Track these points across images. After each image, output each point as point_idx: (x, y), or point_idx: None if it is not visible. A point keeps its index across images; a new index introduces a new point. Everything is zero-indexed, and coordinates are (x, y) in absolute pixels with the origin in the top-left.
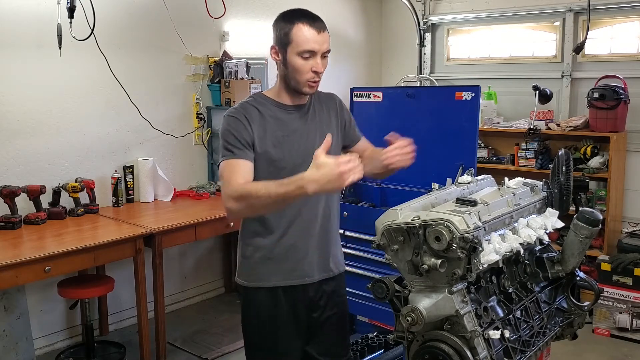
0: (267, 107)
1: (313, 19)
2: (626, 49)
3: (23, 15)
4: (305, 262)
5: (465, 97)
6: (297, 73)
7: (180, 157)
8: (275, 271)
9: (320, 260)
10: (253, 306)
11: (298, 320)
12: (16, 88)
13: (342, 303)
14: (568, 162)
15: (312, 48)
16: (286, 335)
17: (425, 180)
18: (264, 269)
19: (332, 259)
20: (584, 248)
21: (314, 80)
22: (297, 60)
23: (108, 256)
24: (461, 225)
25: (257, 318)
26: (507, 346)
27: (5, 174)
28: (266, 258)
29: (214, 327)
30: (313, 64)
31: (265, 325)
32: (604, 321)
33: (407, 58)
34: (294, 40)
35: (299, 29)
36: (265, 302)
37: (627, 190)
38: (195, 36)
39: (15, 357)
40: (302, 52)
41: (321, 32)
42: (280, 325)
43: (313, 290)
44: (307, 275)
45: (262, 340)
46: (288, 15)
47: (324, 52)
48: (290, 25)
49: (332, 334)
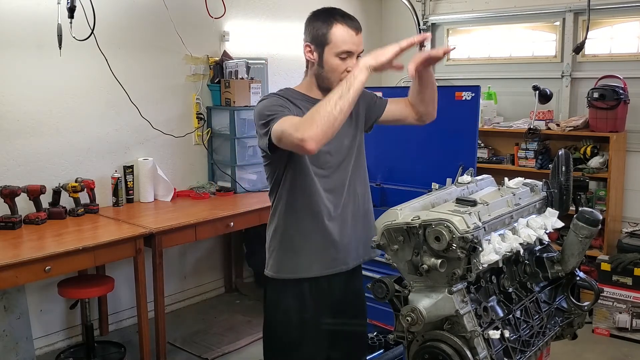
0: (300, 101)
1: (350, 19)
2: (626, 49)
3: (23, 15)
4: (343, 251)
5: (465, 97)
6: (333, 72)
7: (180, 157)
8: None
9: (357, 247)
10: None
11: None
12: (16, 88)
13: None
14: (568, 162)
15: (350, 49)
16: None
17: (425, 180)
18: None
19: (366, 245)
20: (584, 248)
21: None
22: (334, 60)
23: (108, 256)
24: (461, 225)
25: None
26: (507, 346)
27: (5, 174)
28: (298, 249)
29: (214, 327)
30: (349, 64)
31: (291, 323)
32: (603, 321)
33: (407, 58)
34: (332, 41)
35: (338, 30)
36: (292, 296)
37: (627, 190)
38: (195, 36)
39: (15, 357)
40: (340, 52)
41: (359, 33)
42: (307, 326)
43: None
44: (344, 263)
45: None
46: (325, 15)
47: (360, 52)
48: (328, 25)
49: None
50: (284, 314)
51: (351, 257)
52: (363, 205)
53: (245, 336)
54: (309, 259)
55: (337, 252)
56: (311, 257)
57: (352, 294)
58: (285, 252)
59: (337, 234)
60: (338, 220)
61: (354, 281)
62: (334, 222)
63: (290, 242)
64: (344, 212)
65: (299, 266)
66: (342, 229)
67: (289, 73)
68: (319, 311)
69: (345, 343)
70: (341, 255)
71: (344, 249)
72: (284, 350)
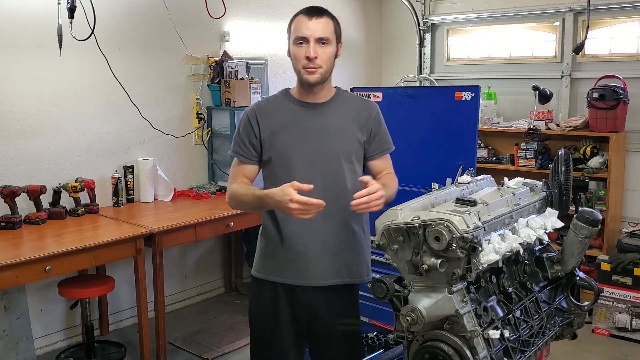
0: (283, 103)
1: (310, 8)
2: (626, 49)
3: (23, 15)
4: (314, 265)
5: (465, 97)
6: (294, 60)
7: (181, 157)
8: (277, 267)
9: (333, 266)
10: (257, 297)
11: (298, 325)
12: (16, 88)
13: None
14: (568, 162)
15: (303, 34)
16: (285, 334)
17: (425, 180)
18: (268, 263)
19: (347, 267)
20: (584, 248)
21: (308, 67)
22: (293, 49)
23: (108, 256)
24: (461, 225)
25: (259, 310)
26: (507, 346)
27: (5, 174)
28: (272, 253)
29: (214, 327)
30: (306, 49)
31: (265, 319)
32: (603, 321)
33: (407, 58)
34: (291, 31)
35: (296, 20)
36: (268, 295)
37: (626, 190)
38: (195, 36)
39: (15, 357)
40: (295, 39)
41: (313, 19)
42: (280, 323)
43: (315, 295)
44: (314, 278)
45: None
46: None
47: (317, 37)
48: (292, 19)
49: (338, 346)
50: (261, 305)
51: (326, 274)
52: (344, 223)
53: (245, 336)
54: (279, 265)
55: (306, 264)
56: (281, 264)
57: (338, 315)
58: (262, 253)
59: (303, 246)
60: (304, 232)
61: (339, 302)
62: (299, 233)
63: (267, 244)
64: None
65: (271, 270)
66: (310, 241)
67: (289, 73)
68: (295, 315)
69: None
70: (310, 268)
71: (313, 263)
72: (262, 340)
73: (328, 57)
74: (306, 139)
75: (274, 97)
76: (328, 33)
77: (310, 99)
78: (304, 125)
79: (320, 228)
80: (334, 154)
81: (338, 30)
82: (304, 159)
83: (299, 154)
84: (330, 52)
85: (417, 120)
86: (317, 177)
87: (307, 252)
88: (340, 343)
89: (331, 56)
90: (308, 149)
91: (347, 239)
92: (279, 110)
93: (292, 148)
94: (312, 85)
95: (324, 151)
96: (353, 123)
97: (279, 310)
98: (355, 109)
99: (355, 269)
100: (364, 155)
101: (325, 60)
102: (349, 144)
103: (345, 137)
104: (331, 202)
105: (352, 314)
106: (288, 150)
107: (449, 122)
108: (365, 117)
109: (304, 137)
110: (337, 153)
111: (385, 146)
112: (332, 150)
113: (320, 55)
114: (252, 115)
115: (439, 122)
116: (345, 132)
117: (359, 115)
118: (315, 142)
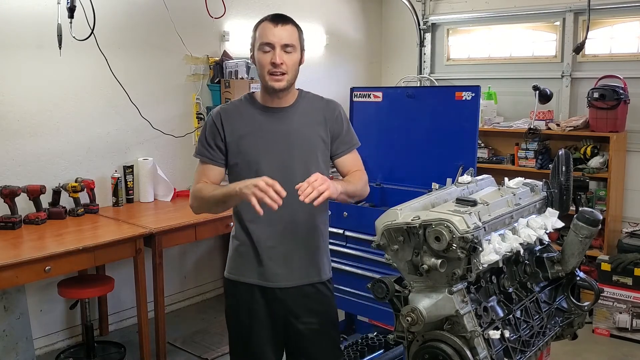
0: (247, 108)
1: (275, 16)
2: (626, 49)
3: (23, 15)
4: (284, 267)
5: (465, 97)
6: (259, 67)
7: (180, 157)
8: (252, 268)
9: (302, 267)
10: (231, 299)
11: (275, 324)
12: (16, 88)
13: (326, 312)
14: (568, 162)
15: (269, 40)
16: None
17: (425, 180)
18: (242, 263)
19: (316, 267)
20: (584, 248)
21: (274, 73)
22: (258, 55)
23: (108, 256)
24: (461, 225)
25: (234, 312)
26: (507, 346)
27: (5, 174)
28: (244, 254)
29: (214, 327)
30: (272, 56)
31: (241, 320)
32: (604, 321)
33: (407, 58)
34: (256, 37)
35: (261, 26)
36: (243, 296)
37: (627, 190)
38: (195, 36)
39: (15, 357)
40: (260, 45)
41: (278, 25)
42: (254, 324)
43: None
44: (284, 279)
45: (237, 334)
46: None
47: (282, 44)
48: (257, 26)
49: (317, 344)
50: (236, 306)
51: (295, 275)
52: (312, 226)
53: None
54: (250, 267)
55: (277, 266)
56: (252, 265)
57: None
58: (235, 254)
59: (272, 248)
60: (273, 234)
61: (314, 300)
62: (268, 236)
63: (238, 245)
64: (280, 228)
65: (243, 271)
66: (279, 244)
67: None
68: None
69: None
70: (281, 270)
71: (283, 265)
72: (240, 341)
73: (293, 63)
74: (273, 145)
75: (239, 102)
76: (293, 40)
77: (274, 104)
78: (269, 130)
79: (289, 229)
80: (301, 157)
81: (302, 38)
82: (271, 164)
83: (266, 159)
84: (295, 59)
85: (417, 120)
86: (285, 181)
87: (276, 254)
88: (318, 342)
89: (296, 62)
90: (275, 154)
91: (314, 240)
92: (244, 115)
93: (260, 153)
94: (277, 92)
95: (290, 155)
96: (317, 124)
97: (254, 310)
98: (318, 110)
99: (322, 267)
100: (330, 155)
101: (290, 67)
102: (314, 146)
103: (310, 140)
104: (300, 204)
105: (328, 311)
106: (255, 156)
107: (449, 122)
108: (327, 117)
109: (270, 143)
110: (303, 157)
111: (350, 143)
112: (299, 154)
113: (286, 62)
114: (218, 118)
115: (439, 122)
116: (310, 134)
117: (322, 115)
118: (282, 146)
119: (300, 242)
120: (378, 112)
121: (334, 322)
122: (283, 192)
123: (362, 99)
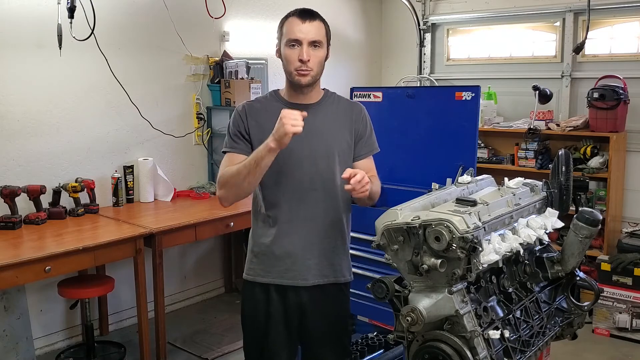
0: (272, 104)
1: (302, 11)
2: (626, 49)
3: (23, 15)
4: (300, 265)
5: (465, 97)
6: (287, 63)
7: (181, 157)
8: (266, 268)
9: (319, 265)
10: (249, 299)
11: (290, 325)
12: (16, 88)
13: (338, 314)
14: (568, 162)
15: (296, 37)
16: (277, 335)
17: (425, 180)
18: (257, 263)
19: (333, 267)
20: (584, 248)
21: (301, 69)
22: (285, 51)
23: (108, 256)
24: (461, 225)
25: (252, 313)
26: (507, 346)
27: (5, 174)
28: (262, 254)
29: (214, 327)
30: (299, 52)
31: (257, 320)
32: (603, 321)
33: (407, 58)
34: (283, 33)
35: (288, 22)
36: (259, 297)
37: (627, 190)
38: (195, 36)
39: (15, 357)
40: (288, 41)
41: (306, 22)
42: (272, 323)
43: (305, 295)
44: (301, 277)
45: (253, 336)
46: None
47: (310, 40)
48: (283, 21)
49: (327, 345)
50: (253, 306)
51: (311, 274)
52: (331, 223)
53: None
54: (268, 265)
55: (294, 263)
56: (269, 264)
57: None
58: (252, 254)
59: (291, 245)
60: (291, 231)
61: (329, 301)
62: (287, 233)
63: (254, 245)
64: (299, 225)
65: (259, 271)
66: (297, 241)
67: None
68: (287, 315)
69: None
70: (298, 267)
71: (299, 262)
72: (255, 342)
73: (320, 60)
74: (295, 140)
75: (264, 98)
76: (320, 36)
77: (299, 100)
78: None
79: (309, 227)
80: (323, 155)
81: (329, 33)
82: (293, 160)
83: (288, 154)
84: (321, 55)
85: (417, 120)
86: (306, 178)
87: (295, 251)
88: (332, 342)
89: (322, 59)
90: (297, 149)
91: (334, 238)
92: (268, 110)
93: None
94: (303, 87)
95: (313, 152)
96: (341, 124)
97: (270, 311)
98: (344, 111)
99: (339, 268)
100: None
101: (316, 63)
102: (337, 144)
103: (334, 138)
104: (320, 202)
105: (343, 313)
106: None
107: (449, 122)
108: (353, 119)
109: (293, 138)
110: (325, 154)
111: (371, 147)
112: (321, 151)
113: (313, 59)
114: (243, 112)
115: (439, 122)
116: (334, 133)
117: (347, 116)
118: (305, 142)
119: (319, 241)
120: (378, 112)
121: (346, 328)
122: (304, 113)
123: (362, 99)
